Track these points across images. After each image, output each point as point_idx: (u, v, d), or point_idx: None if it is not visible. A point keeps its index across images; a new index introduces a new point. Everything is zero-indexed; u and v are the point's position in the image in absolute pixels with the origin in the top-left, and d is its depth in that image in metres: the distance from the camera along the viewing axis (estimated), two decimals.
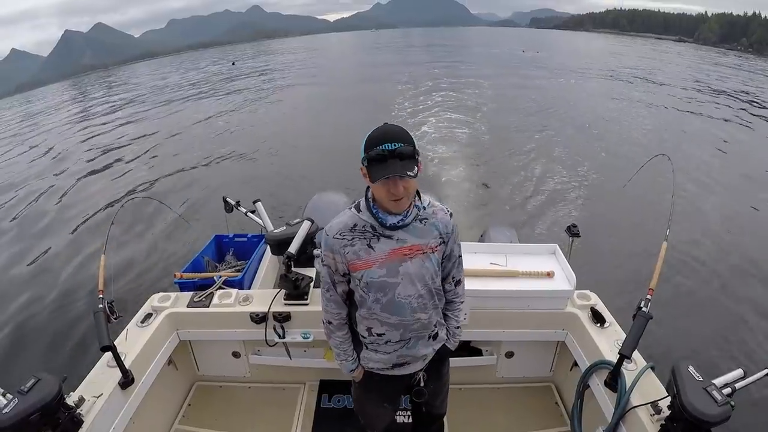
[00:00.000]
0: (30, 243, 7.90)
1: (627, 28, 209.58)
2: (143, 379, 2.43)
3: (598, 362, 2.30)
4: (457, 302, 1.97)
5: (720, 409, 1.61)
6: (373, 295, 1.71)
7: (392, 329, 1.77)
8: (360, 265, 1.68)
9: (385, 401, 2.12)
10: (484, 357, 3.00)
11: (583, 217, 7.26)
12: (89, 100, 31.33)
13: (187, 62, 67.22)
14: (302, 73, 35.30)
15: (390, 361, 1.86)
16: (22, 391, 1.76)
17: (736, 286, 5.62)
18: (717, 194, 8.43)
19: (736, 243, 6.63)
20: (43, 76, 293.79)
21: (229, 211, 3.75)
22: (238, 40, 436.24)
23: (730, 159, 10.75)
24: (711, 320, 4.98)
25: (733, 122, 14.54)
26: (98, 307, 2.21)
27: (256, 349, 3.03)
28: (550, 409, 2.99)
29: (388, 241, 1.66)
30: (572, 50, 58.70)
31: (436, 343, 1.91)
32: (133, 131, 16.10)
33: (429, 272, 1.72)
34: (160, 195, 9.03)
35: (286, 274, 2.63)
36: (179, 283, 3.09)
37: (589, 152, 10.94)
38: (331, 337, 1.94)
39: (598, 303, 2.67)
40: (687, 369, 1.77)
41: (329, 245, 1.70)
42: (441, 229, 1.73)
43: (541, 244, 2.91)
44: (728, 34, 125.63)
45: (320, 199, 4.13)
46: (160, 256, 6.82)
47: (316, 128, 14.48)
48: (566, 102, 17.73)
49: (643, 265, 5.00)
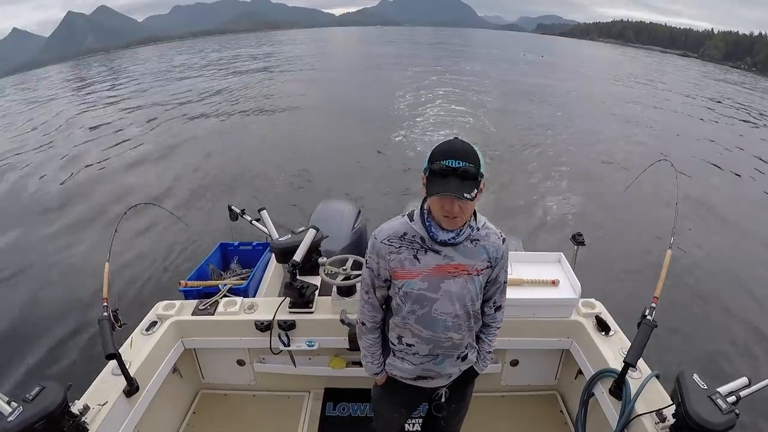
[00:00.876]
0: (33, 250, 7.92)
1: (633, 40, 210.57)
2: (148, 387, 2.44)
3: (602, 370, 2.30)
4: (494, 327, 1.93)
5: (725, 418, 1.61)
6: (410, 306, 1.69)
7: (422, 342, 1.75)
8: (403, 274, 1.66)
9: (403, 407, 2.12)
10: (489, 365, 2.99)
11: (587, 225, 7.25)
12: (91, 91, 30.40)
13: (191, 50, 67.02)
14: (306, 67, 35.47)
15: (414, 373, 1.84)
16: (27, 399, 1.76)
17: (742, 294, 5.61)
18: (721, 201, 8.41)
19: (741, 250, 6.61)
20: (44, 58, 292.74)
21: (234, 219, 3.76)
22: (242, 30, 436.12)
23: (735, 165, 10.72)
24: (716, 328, 4.97)
25: (735, 132, 14.53)
26: (103, 314, 2.21)
27: (261, 357, 3.03)
28: (555, 418, 2.98)
29: (435, 256, 1.63)
30: (576, 57, 58.85)
31: (465, 365, 1.89)
32: (137, 134, 15.98)
33: (470, 294, 1.69)
34: (164, 202, 9.03)
35: (291, 282, 2.62)
36: (184, 291, 3.09)
37: (593, 158, 10.95)
38: (362, 338, 1.93)
39: (603, 311, 2.67)
40: (692, 377, 1.77)
41: (376, 249, 1.68)
42: (491, 253, 1.68)
43: (546, 253, 2.90)
44: (733, 52, 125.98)
45: (325, 208, 4.14)
46: (164, 263, 6.82)
47: (321, 133, 14.47)
48: (568, 107, 17.77)
49: (647, 273, 5.01)
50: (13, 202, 10.45)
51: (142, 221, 7.75)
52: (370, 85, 24.99)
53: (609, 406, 2.20)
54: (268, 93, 23.09)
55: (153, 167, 12.22)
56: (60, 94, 30.37)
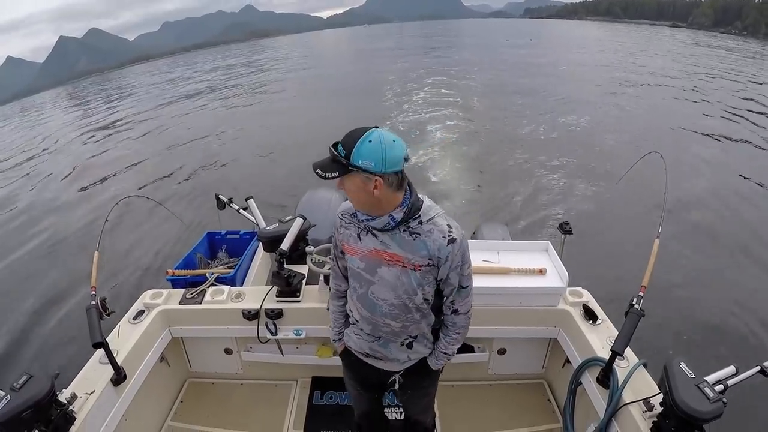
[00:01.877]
0: (23, 239, 7.87)
1: (621, 15, 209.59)
2: (135, 376, 2.43)
3: (590, 359, 2.30)
4: (452, 330, 1.85)
5: (712, 406, 1.61)
6: (353, 283, 1.79)
7: (364, 321, 1.81)
8: (348, 249, 1.75)
9: (360, 386, 2.14)
10: (476, 354, 3.00)
11: (575, 214, 7.28)
12: (84, 105, 31.36)
13: (182, 64, 67.15)
14: (295, 67, 35.48)
15: (364, 348, 1.88)
16: (15, 388, 1.76)
17: (729, 283, 5.64)
18: (709, 190, 8.44)
19: (729, 240, 6.65)
20: (39, 84, 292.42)
21: (221, 208, 3.74)
22: (232, 41, 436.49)
23: (724, 154, 10.76)
24: (703, 317, 5.00)
25: (730, 119, 14.57)
26: (90, 303, 2.20)
27: (249, 345, 3.02)
28: (543, 406, 3.00)
29: (373, 239, 1.66)
30: (565, 39, 58.86)
31: (413, 353, 1.87)
32: (126, 130, 16.09)
33: (404, 287, 1.66)
34: (153, 192, 9.03)
35: (278, 271, 2.61)
36: (171, 280, 3.07)
37: (582, 148, 10.94)
38: (330, 303, 2.06)
39: (591, 300, 2.67)
40: (679, 366, 1.77)
41: (336, 222, 1.79)
42: (431, 251, 1.60)
43: (533, 242, 2.90)
44: (722, 18, 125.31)
45: (312, 197, 4.11)
46: (152, 253, 6.80)
47: (308, 124, 14.48)
48: (557, 93, 17.72)
49: (635, 262, 5.01)
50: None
51: (131, 212, 7.75)
52: (359, 78, 25.01)
53: (596, 394, 2.21)
54: (257, 90, 23.22)
55: (143, 160, 12.23)
56: (56, 113, 30.61)
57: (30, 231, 8.33)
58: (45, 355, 4.88)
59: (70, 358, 4.55)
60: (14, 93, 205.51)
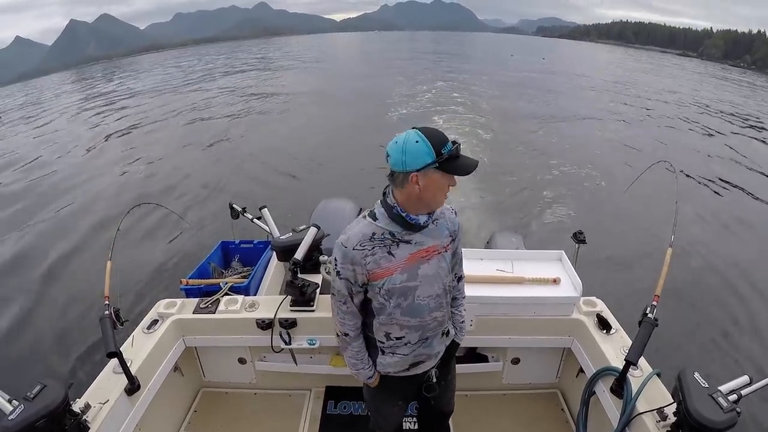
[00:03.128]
0: (36, 249, 7.92)
1: (632, 40, 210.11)
2: (149, 386, 2.44)
3: (604, 369, 2.30)
4: (460, 298, 2.04)
5: (726, 416, 1.61)
6: (395, 301, 1.71)
7: (412, 331, 1.78)
8: (381, 273, 1.66)
9: (400, 399, 2.13)
10: (490, 363, 2.99)
11: (588, 223, 7.23)
12: (94, 97, 30.82)
13: (193, 56, 67.32)
14: (308, 72, 35.64)
15: (407, 362, 1.86)
16: (28, 397, 1.76)
17: (743, 292, 5.60)
18: (722, 199, 8.39)
19: (743, 248, 6.60)
20: (47, 66, 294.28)
21: (235, 217, 3.76)
22: (244, 36, 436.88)
23: (735, 166, 10.70)
24: (717, 326, 4.96)
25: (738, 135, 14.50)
26: (104, 313, 2.21)
27: (262, 355, 3.03)
28: (556, 416, 2.98)
29: (407, 246, 1.67)
30: (577, 58, 58.92)
31: (448, 339, 1.95)
32: (138, 135, 16.08)
33: (444, 271, 1.76)
34: (166, 201, 9.04)
35: (292, 280, 2.62)
36: (185, 290, 3.10)
37: (593, 157, 10.93)
38: (348, 348, 1.91)
39: (604, 309, 2.66)
40: (693, 375, 1.77)
41: (349, 257, 1.65)
42: (450, 228, 1.78)
43: (547, 251, 2.90)
44: (732, 50, 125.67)
45: (326, 206, 4.14)
46: (166, 262, 6.81)
47: (322, 133, 14.49)
48: (568, 107, 17.74)
49: (648, 271, 4.99)
50: (20, 199, 10.53)
51: (144, 220, 7.75)
52: (372, 85, 25.07)
53: (610, 404, 2.20)
54: (271, 93, 23.20)
55: (156, 167, 12.24)
56: (64, 101, 30.60)
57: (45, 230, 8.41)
58: (58, 365, 4.92)
59: (84, 368, 4.59)
60: (21, 73, 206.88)
